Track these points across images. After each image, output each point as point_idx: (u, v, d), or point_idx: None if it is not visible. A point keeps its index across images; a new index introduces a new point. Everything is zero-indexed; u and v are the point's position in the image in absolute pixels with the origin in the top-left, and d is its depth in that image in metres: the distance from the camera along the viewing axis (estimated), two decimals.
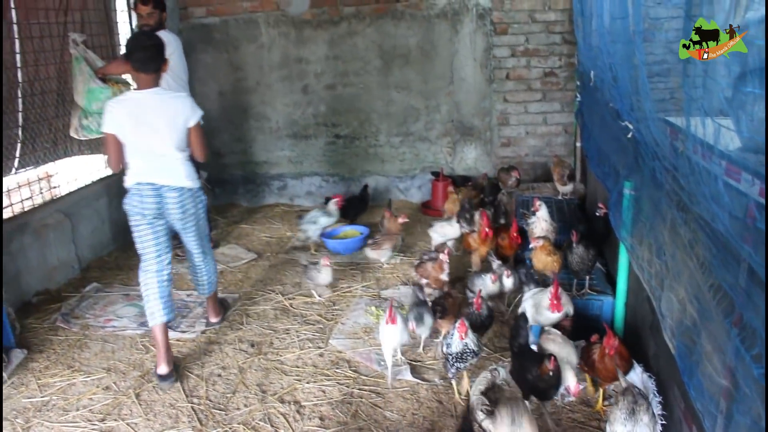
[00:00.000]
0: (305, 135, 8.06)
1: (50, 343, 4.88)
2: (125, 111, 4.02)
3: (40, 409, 4.07)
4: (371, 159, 8.00)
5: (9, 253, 5.27)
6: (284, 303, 5.31)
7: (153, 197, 4.16)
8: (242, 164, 8.17)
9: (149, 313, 4.34)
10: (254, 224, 7.47)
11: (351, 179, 8.05)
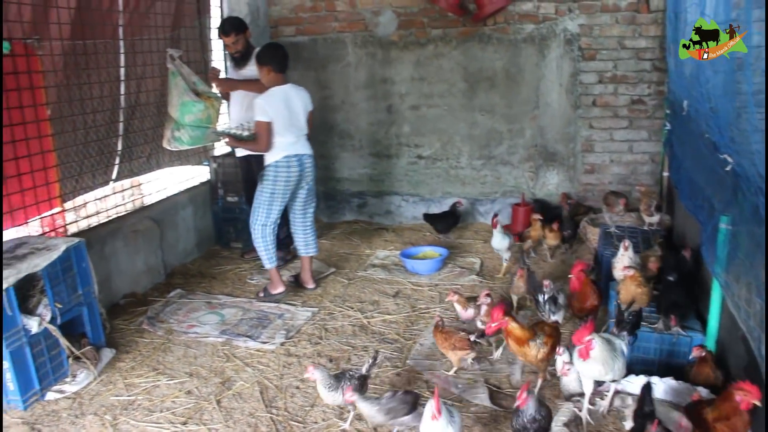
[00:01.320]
0: (387, 154, 8.12)
1: (136, 344, 5.04)
2: (279, 100, 5.38)
3: (126, 407, 4.20)
4: (452, 181, 7.98)
5: (102, 256, 5.48)
6: (362, 320, 5.32)
7: (297, 165, 5.55)
8: (324, 180, 8.27)
9: (268, 257, 5.75)
10: (333, 240, 7.54)
11: (431, 200, 8.04)
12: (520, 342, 3.86)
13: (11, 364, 4.12)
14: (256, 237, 5.70)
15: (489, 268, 6.49)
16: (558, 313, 4.60)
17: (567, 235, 6.53)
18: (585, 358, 3.46)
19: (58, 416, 4.15)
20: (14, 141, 4.89)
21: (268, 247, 5.71)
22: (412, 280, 6.16)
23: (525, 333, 3.86)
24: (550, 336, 3.93)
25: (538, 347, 3.84)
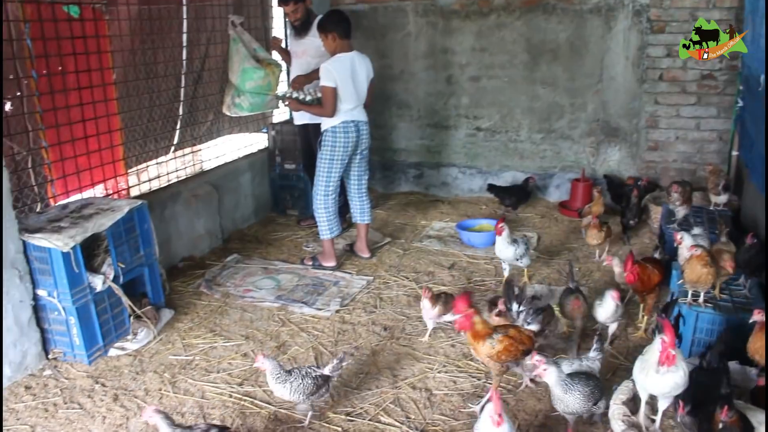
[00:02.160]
0: (445, 125, 8.04)
1: (194, 306, 5.14)
2: (345, 67, 5.39)
3: (184, 366, 4.30)
4: (510, 154, 7.86)
5: (162, 219, 5.58)
6: (417, 291, 5.31)
7: (354, 131, 5.60)
8: (380, 150, 8.24)
9: (328, 228, 5.76)
10: (389, 210, 7.53)
11: (488, 173, 7.94)
12: (477, 336, 3.56)
13: (77, 319, 4.26)
14: (318, 206, 5.74)
15: (546, 244, 6.39)
16: (534, 324, 4.08)
17: (632, 224, 6.26)
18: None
19: (119, 372, 4.27)
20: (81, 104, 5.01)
21: (330, 218, 5.75)
22: (467, 253, 6.12)
23: (484, 327, 3.57)
24: (510, 338, 3.58)
25: (492, 345, 3.52)
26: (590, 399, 3.29)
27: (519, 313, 4.12)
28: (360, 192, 6.06)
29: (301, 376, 3.53)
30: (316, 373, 3.58)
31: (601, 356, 3.68)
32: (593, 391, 3.32)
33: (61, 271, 4.15)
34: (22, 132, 4.68)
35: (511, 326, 3.74)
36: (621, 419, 3.25)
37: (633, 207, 6.20)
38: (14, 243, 4.12)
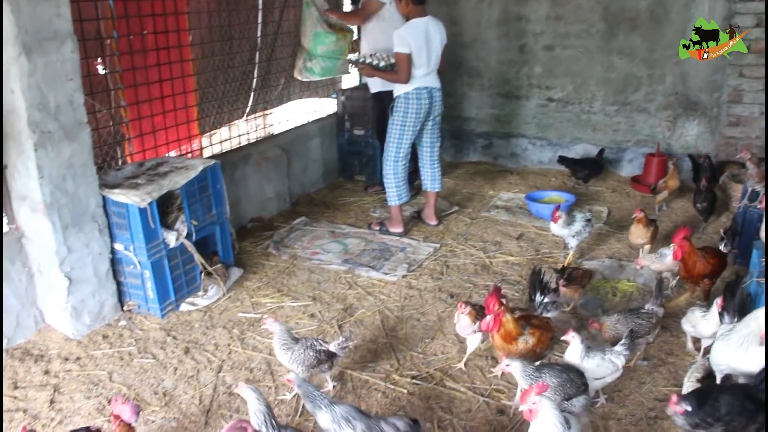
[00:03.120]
0: (516, 95, 7.89)
1: (262, 266, 5.23)
2: (419, 32, 5.31)
3: (252, 324, 4.39)
4: (582, 126, 7.67)
5: (233, 180, 5.67)
6: (484, 260, 5.27)
7: (427, 98, 5.54)
8: (450, 119, 8.14)
9: (396, 194, 5.75)
10: (456, 179, 7.46)
11: (559, 145, 7.77)
12: (508, 338, 3.42)
13: (152, 274, 4.38)
14: (388, 172, 5.73)
15: (616, 218, 6.23)
16: (552, 312, 3.95)
17: (701, 208, 5.85)
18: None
19: (190, 326, 4.39)
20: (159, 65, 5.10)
21: (399, 184, 5.75)
22: (536, 224, 6.03)
23: (516, 327, 3.42)
24: (537, 327, 3.50)
25: (526, 341, 3.43)
26: (558, 392, 3.10)
27: (541, 303, 3.94)
28: (432, 159, 5.98)
29: (305, 348, 3.50)
30: (320, 347, 3.53)
31: (627, 353, 3.48)
32: (563, 385, 3.12)
33: (138, 226, 4.26)
34: (102, 91, 4.81)
35: (529, 316, 3.65)
36: None
37: (702, 190, 5.81)
38: (94, 197, 4.25)
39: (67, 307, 4.20)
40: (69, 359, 4.03)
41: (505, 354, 3.43)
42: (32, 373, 3.89)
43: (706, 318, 3.72)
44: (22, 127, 3.83)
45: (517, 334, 3.42)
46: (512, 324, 3.41)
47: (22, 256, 4.16)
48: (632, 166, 7.53)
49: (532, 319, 3.58)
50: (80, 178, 4.14)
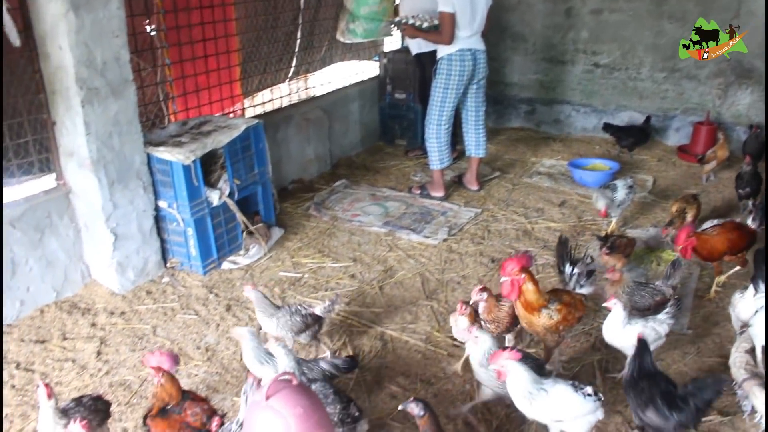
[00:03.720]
0: (561, 60, 7.73)
1: (303, 227, 5.25)
2: None
3: (293, 283, 4.42)
4: (629, 93, 7.49)
5: (274, 141, 5.66)
6: (526, 225, 5.22)
7: (471, 60, 5.44)
8: (492, 84, 7.96)
9: (438, 158, 5.70)
10: (498, 145, 7.37)
11: (604, 112, 7.61)
12: (530, 308, 3.23)
13: (195, 231, 4.43)
14: (430, 136, 5.67)
15: (662, 187, 6.10)
16: (587, 287, 3.78)
17: (743, 193, 5.29)
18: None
19: (232, 284, 4.44)
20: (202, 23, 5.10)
21: (442, 148, 5.69)
22: (578, 191, 5.93)
23: (538, 298, 3.22)
24: (567, 305, 3.28)
25: (550, 316, 3.22)
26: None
27: (571, 275, 3.78)
28: (477, 123, 5.89)
29: (290, 314, 3.48)
30: (305, 312, 3.51)
31: (672, 321, 3.41)
32: None
33: (182, 183, 4.30)
34: (147, 49, 4.83)
35: (562, 292, 3.46)
36: (744, 368, 3.10)
37: (744, 174, 5.28)
38: (139, 155, 4.30)
39: (112, 263, 4.27)
40: (114, 313, 4.12)
41: (528, 327, 3.31)
42: (79, 325, 3.99)
43: (742, 297, 3.54)
44: (69, 84, 3.86)
45: (539, 305, 3.22)
46: (534, 294, 3.21)
47: (69, 212, 4.24)
48: (679, 135, 7.34)
49: (563, 295, 3.38)
50: (126, 135, 4.18)
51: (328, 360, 3.16)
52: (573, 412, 2.74)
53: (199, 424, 2.64)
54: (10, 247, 3.92)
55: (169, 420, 2.64)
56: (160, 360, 2.76)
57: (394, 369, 3.52)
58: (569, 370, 3.50)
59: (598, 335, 3.70)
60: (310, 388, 2.45)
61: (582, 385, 2.77)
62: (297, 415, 2.14)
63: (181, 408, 2.67)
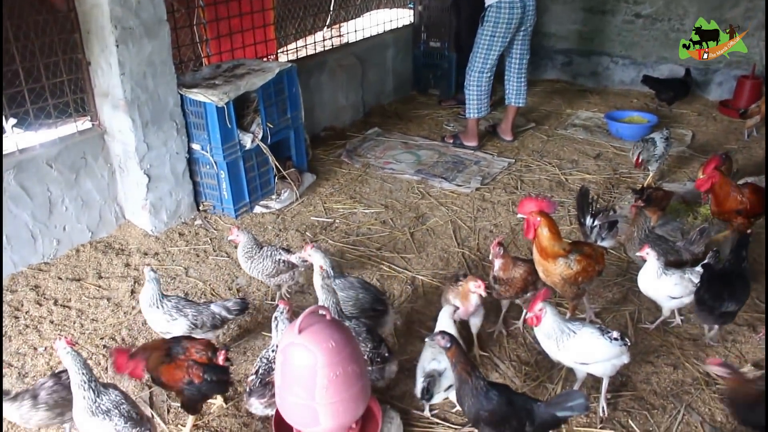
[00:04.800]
0: (601, 10, 7.50)
1: (335, 173, 5.24)
2: None
3: (325, 228, 4.43)
4: (671, 45, 7.24)
5: (307, 87, 5.61)
6: (560, 176, 5.15)
7: (520, 8, 5.27)
8: None
9: (477, 107, 5.58)
10: (533, 96, 7.20)
11: (643, 64, 7.40)
12: (544, 254, 3.09)
13: (227, 174, 4.44)
14: (471, 84, 5.56)
15: (701, 142, 5.95)
16: (608, 240, 3.68)
17: None
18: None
19: (264, 227, 4.46)
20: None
21: (482, 97, 5.57)
22: (614, 144, 5.82)
23: (554, 245, 3.07)
24: (588, 257, 3.14)
25: (569, 266, 3.07)
26: None
27: (592, 228, 3.69)
28: (519, 72, 5.77)
29: (263, 257, 3.50)
30: (279, 257, 3.51)
31: None
32: None
33: (215, 125, 4.29)
34: None
35: (584, 244, 3.32)
36: None
37: None
38: (173, 96, 4.29)
39: (146, 204, 4.31)
40: (148, 254, 4.16)
41: (545, 276, 3.18)
42: (114, 265, 4.04)
43: None
44: (104, 23, 3.85)
45: (555, 253, 3.07)
46: (549, 240, 3.06)
47: (104, 153, 4.27)
48: (721, 89, 7.13)
49: (584, 247, 3.25)
50: (160, 77, 4.17)
51: (219, 303, 3.16)
52: (599, 355, 2.74)
53: (206, 359, 2.65)
54: (47, 186, 3.97)
55: (176, 362, 2.63)
56: None
57: (424, 313, 3.52)
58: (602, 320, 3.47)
59: (631, 286, 3.66)
60: (343, 323, 2.46)
61: (609, 330, 2.76)
62: (328, 349, 2.15)
63: (183, 348, 2.68)
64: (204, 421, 2.87)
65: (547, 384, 3.07)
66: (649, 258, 3.26)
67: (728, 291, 3.15)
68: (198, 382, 2.59)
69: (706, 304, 3.15)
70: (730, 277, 3.22)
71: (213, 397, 2.79)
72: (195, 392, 2.63)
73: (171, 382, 2.62)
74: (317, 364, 2.14)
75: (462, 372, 2.44)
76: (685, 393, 3.00)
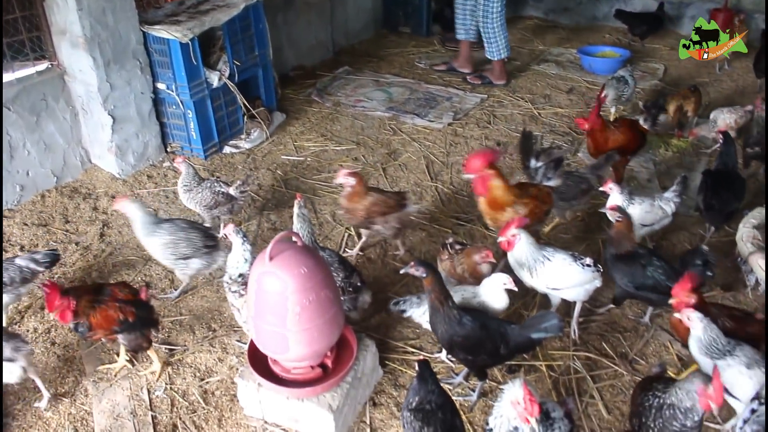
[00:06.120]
0: None
1: (305, 113, 5.15)
2: None
3: (296, 166, 4.38)
4: None
5: (275, 26, 5.46)
6: (533, 111, 5.12)
7: None
8: None
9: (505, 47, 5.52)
10: None
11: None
12: (496, 206, 3.04)
13: (194, 113, 4.33)
14: (495, 27, 5.45)
15: (673, 76, 5.93)
16: (554, 179, 3.48)
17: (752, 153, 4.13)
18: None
19: (234, 168, 4.39)
20: None
21: (507, 35, 5.57)
22: (587, 78, 5.79)
23: (505, 195, 3.02)
24: (534, 198, 3.11)
25: (516, 211, 3.02)
26: None
27: (537, 169, 3.52)
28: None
29: (203, 189, 3.49)
30: (218, 189, 3.50)
31: (678, 200, 3.34)
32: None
33: (180, 63, 4.17)
34: None
35: (529, 185, 3.27)
36: (750, 242, 3.07)
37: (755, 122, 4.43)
38: (135, 33, 4.15)
39: (111, 147, 4.21)
40: (116, 197, 4.06)
41: (493, 224, 3.16)
42: (81, 209, 3.96)
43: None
44: None
45: (505, 203, 3.03)
46: (502, 191, 3.02)
47: (65, 95, 4.13)
48: (694, 23, 7.04)
49: (530, 188, 3.21)
50: (120, 13, 4.02)
51: (26, 256, 3.02)
52: (571, 280, 2.76)
53: (132, 296, 2.65)
54: (6, 129, 3.83)
55: (105, 305, 2.58)
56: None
57: (396, 246, 3.50)
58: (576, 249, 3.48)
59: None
60: (314, 250, 2.43)
61: (582, 256, 2.77)
62: (300, 275, 2.11)
63: (108, 291, 2.65)
64: (178, 359, 2.86)
65: (523, 311, 3.09)
66: (612, 192, 3.26)
67: (732, 192, 3.40)
68: (132, 320, 2.59)
69: (715, 209, 3.37)
70: (730, 177, 3.47)
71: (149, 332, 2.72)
72: (132, 329, 2.62)
73: (106, 323, 2.58)
74: (288, 290, 2.11)
75: (435, 300, 2.43)
76: (656, 315, 3.03)
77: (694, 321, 2.32)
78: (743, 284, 3.15)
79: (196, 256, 3.09)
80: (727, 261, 3.36)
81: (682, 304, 2.43)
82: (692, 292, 2.44)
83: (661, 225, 3.35)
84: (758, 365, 2.27)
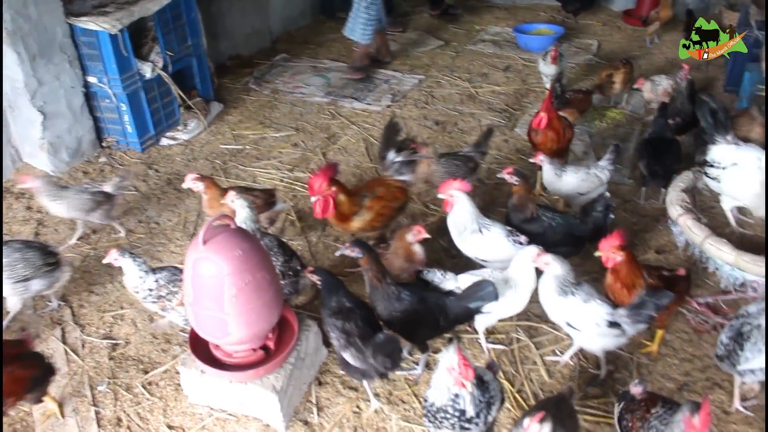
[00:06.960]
0: None
1: (243, 101, 5.11)
2: None
3: (235, 155, 4.34)
4: None
5: (208, 15, 5.38)
6: (470, 90, 5.16)
7: None
8: None
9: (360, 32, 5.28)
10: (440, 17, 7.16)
11: None
12: (343, 218, 3.03)
13: (128, 106, 4.25)
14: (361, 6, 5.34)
15: (606, 51, 6.04)
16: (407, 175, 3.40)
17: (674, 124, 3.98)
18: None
19: (172, 159, 4.33)
20: None
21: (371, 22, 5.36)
22: (523, 56, 5.85)
23: (352, 206, 3.01)
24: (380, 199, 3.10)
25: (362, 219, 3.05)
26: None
27: (393, 163, 3.39)
28: None
29: (78, 193, 3.35)
30: (94, 190, 3.40)
31: (612, 168, 3.45)
32: None
33: (110, 55, 4.08)
34: None
35: (375, 184, 3.24)
36: (679, 204, 3.16)
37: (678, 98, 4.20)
38: (61, 26, 4.04)
39: (43, 144, 4.10)
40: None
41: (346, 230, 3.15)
42: (14, 209, 3.86)
43: None
44: None
45: (351, 212, 3.02)
46: (347, 204, 2.98)
47: None
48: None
49: (377, 187, 3.14)
50: (43, 5, 3.90)
51: None
52: (500, 254, 2.84)
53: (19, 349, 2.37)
54: None
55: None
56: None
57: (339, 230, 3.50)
58: None
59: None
60: (249, 232, 2.42)
61: (517, 234, 2.84)
62: (235, 257, 2.10)
63: None
64: (120, 353, 2.82)
65: None
66: (543, 163, 3.37)
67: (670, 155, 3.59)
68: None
69: (659, 174, 3.55)
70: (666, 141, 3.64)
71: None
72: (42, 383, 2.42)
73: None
74: (223, 273, 2.09)
75: (373, 278, 2.46)
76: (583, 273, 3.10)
77: (551, 262, 2.51)
78: (675, 246, 3.25)
79: (36, 276, 2.85)
80: (659, 224, 3.47)
81: (609, 260, 2.56)
82: (620, 249, 2.53)
83: (597, 192, 3.43)
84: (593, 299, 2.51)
